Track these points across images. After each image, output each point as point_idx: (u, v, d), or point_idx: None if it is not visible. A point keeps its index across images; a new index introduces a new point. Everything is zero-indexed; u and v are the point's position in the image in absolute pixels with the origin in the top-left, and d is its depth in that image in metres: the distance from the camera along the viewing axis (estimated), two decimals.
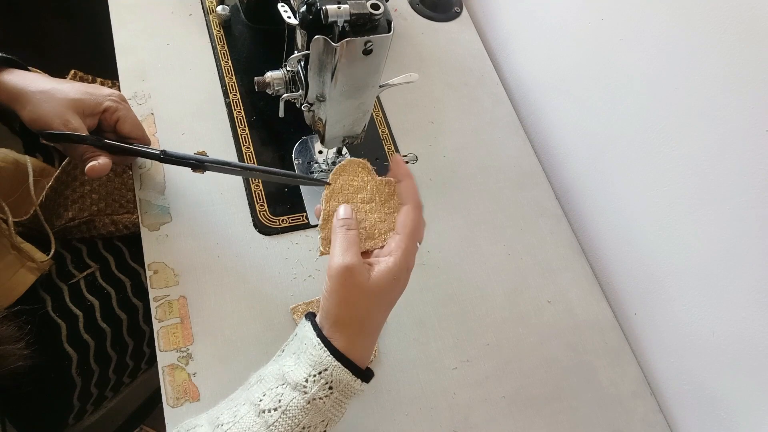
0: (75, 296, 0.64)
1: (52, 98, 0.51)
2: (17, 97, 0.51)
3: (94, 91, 0.55)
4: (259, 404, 0.41)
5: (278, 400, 0.41)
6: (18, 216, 0.61)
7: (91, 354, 0.64)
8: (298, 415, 0.41)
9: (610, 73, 0.69)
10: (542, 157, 0.83)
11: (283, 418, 0.40)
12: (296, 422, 0.40)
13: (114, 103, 0.55)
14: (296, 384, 0.41)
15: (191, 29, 0.76)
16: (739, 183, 0.55)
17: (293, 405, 0.41)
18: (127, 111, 0.57)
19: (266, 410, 0.41)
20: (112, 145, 0.55)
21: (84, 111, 0.53)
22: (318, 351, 0.42)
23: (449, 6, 0.93)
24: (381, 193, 0.49)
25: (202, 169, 0.54)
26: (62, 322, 0.62)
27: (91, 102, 0.54)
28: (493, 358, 0.64)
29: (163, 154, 0.54)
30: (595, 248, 0.76)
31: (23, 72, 0.53)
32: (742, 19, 0.52)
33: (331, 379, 0.41)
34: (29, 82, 0.52)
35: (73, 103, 0.52)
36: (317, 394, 0.41)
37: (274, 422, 0.40)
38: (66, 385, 0.62)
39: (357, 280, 0.42)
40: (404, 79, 0.58)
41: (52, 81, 0.54)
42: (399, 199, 0.49)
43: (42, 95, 0.51)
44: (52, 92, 0.52)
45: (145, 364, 0.72)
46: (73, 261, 0.67)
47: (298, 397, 0.41)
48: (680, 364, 0.65)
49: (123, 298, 0.67)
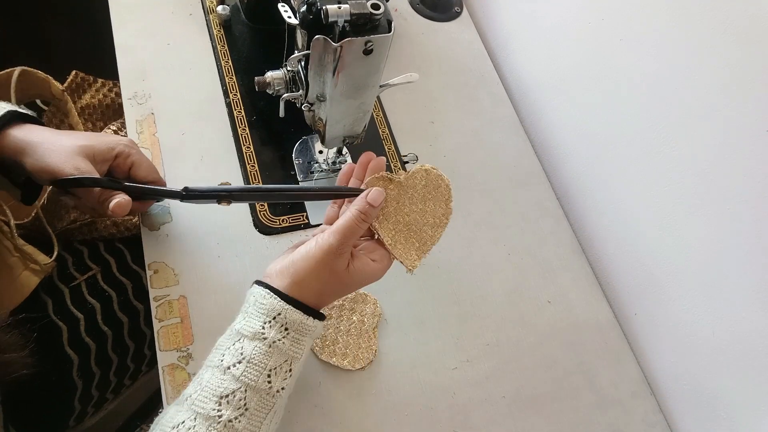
0: (76, 299, 0.64)
1: (60, 147, 0.50)
2: (23, 149, 0.50)
3: (104, 138, 0.54)
4: (221, 364, 0.43)
5: (240, 353, 0.43)
6: (19, 218, 0.61)
7: (92, 357, 0.63)
8: (263, 360, 0.43)
9: (610, 73, 0.69)
10: (542, 157, 0.83)
11: (249, 366, 0.42)
12: (263, 367, 0.42)
13: (126, 148, 0.54)
14: (254, 334, 0.43)
15: (191, 29, 0.76)
16: (739, 183, 0.55)
17: (256, 352, 0.43)
18: (140, 155, 0.55)
19: (230, 366, 0.42)
20: (129, 187, 0.52)
21: (95, 157, 0.52)
22: (269, 300, 0.44)
23: (449, 6, 0.93)
24: (414, 188, 0.50)
25: (228, 201, 0.50)
26: (63, 325, 0.62)
27: (101, 147, 0.52)
28: (493, 358, 0.64)
29: (185, 191, 0.51)
30: (595, 248, 0.76)
31: (33, 126, 0.52)
32: (742, 19, 0.52)
33: (285, 321, 0.44)
34: (36, 134, 0.51)
35: (81, 149, 0.51)
36: (275, 337, 0.43)
37: (242, 373, 0.42)
38: (67, 388, 0.62)
39: (337, 264, 0.45)
40: (404, 79, 0.58)
41: (58, 132, 0.52)
42: None
43: (49, 144, 0.50)
44: (59, 141, 0.50)
45: (145, 367, 0.72)
46: (74, 263, 0.66)
47: (258, 345, 0.43)
48: (680, 364, 0.65)
49: (124, 300, 0.67)
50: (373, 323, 0.61)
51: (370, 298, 0.62)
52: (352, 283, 0.47)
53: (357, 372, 0.58)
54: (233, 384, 0.41)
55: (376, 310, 0.62)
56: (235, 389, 0.41)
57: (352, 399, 0.57)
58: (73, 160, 0.49)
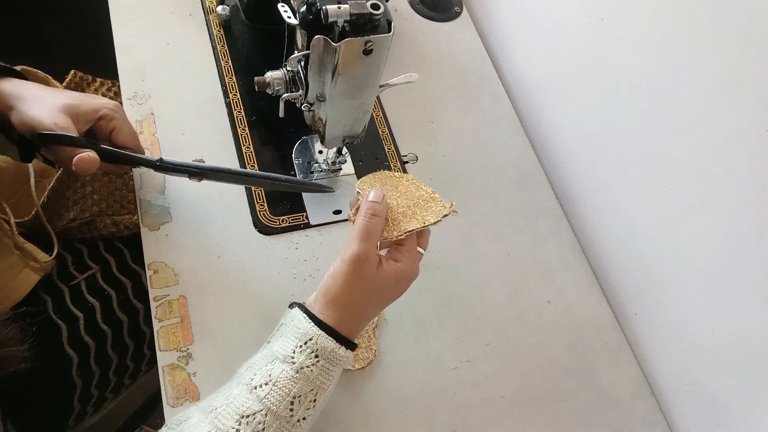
0: (76, 298, 0.64)
1: (44, 102, 0.51)
2: (10, 103, 0.50)
3: (91, 99, 0.54)
4: (250, 383, 0.43)
5: (268, 375, 0.43)
6: (19, 217, 0.61)
7: (92, 356, 0.64)
8: (288, 384, 0.42)
9: (610, 73, 0.69)
10: (542, 157, 0.83)
11: (273, 390, 0.42)
12: (287, 392, 0.42)
13: (111, 111, 0.54)
14: (284, 357, 0.43)
15: (191, 29, 0.76)
16: (739, 183, 0.55)
17: (282, 376, 0.42)
18: (123, 121, 0.56)
19: (257, 386, 0.42)
20: (106, 150, 0.53)
21: (78, 116, 0.52)
22: (303, 324, 0.44)
23: (449, 6, 0.93)
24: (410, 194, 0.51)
25: (199, 177, 0.52)
26: (63, 324, 0.62)
27: (86, 108, 0.53)
28: (493, 358, 0.64)
29: (159, 162, 0.53)
30: (595, 248, 0.76)
31: (23, 81, 0.53)
32: (742, 19, 0.52)
33: (317, 347, 0.43)
34: (23, 89, 0.51)
35: (66, 107, 0.51)
36: (304, 363, 0.43)
37: (266, 395, 0.42)
38: (66, 387, 0.62)
39: (366, 270, 0.44)
40: (404, 79, 0.58)
41: (47, 89, 0.53)
42: None
43: (35, 99, 0.50)
44: (45, 97, 0.51)
45: (145, 366, 0.72)
46: (73, 262, 0.66)
47: (286, 369, 0.43)
48: (680, 364, 0.65)
49: (123, 299, 0.67)
50: (373, 323, 0.61)
51: None
52: (386, 286, 0.46)
53: (357, 372, 0.58)
54: (256, 405, 0.42)
55: None
56: (257, 411, 0.41)
57: (352, 399, 0.57)
58: (54, 116, 0.50)
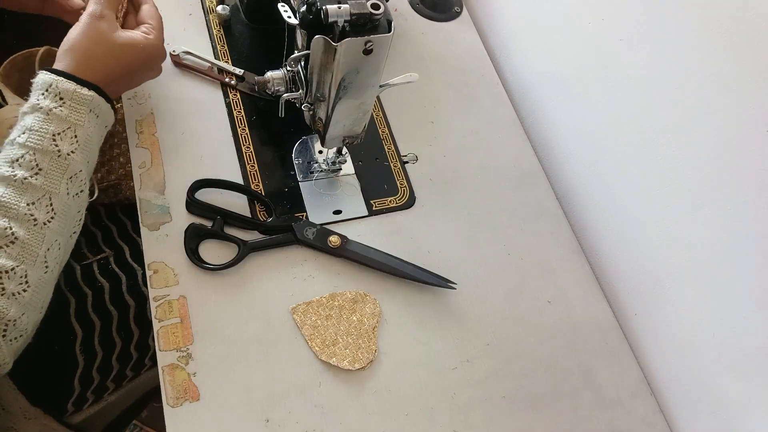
0: (87, 276, 0.66)
1: None
2: None
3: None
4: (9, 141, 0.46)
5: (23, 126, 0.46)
6: None
7: (96, 334, 0.64)
8: (43, 126, 0.46)
9: (610, 73, 0.69)
10: (542, 157, 0.82)
11: (32, 134, 0.46)
12: (44, 132, 0.46)
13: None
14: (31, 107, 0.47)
15: (191, 29, 0.76)
16: (739, 183, 0.55)
17: (35, 121, 0.46)
18: None
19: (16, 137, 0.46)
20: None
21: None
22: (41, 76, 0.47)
23: (449, 6, 0.93)
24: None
25: None
26: (72, 297, 0.63)
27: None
28: (493, 358, 0.64)
29: None
30: (595, 248, 0.76)
31: None
32: (742, 19, 0.52)
33: (58, 90, 0.47)
34: None
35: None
36: (50, 105, 0.46)
37: (26, 140, 0.45)
38: (68, 363, 0.63)
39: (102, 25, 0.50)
40: (404, 79, 0.58)
41: None
42: None
43: None
44: None
45: (148, 360, 0.73)
46: (87, 244, 0.68)
47: (37, 114, 0.46)
48: (680, 365, 0.65)
49: (133, 285, 0.68)
50: (373, 323, 0.61)
51: (370, 298, 0.62)
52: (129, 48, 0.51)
53: (357, 372, 0.58)
54: (20, 150, 0.45)
55: (376, 310, 0.62)
56: (24, 153, 0.45)
57: (352, 399, 0.57)
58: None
